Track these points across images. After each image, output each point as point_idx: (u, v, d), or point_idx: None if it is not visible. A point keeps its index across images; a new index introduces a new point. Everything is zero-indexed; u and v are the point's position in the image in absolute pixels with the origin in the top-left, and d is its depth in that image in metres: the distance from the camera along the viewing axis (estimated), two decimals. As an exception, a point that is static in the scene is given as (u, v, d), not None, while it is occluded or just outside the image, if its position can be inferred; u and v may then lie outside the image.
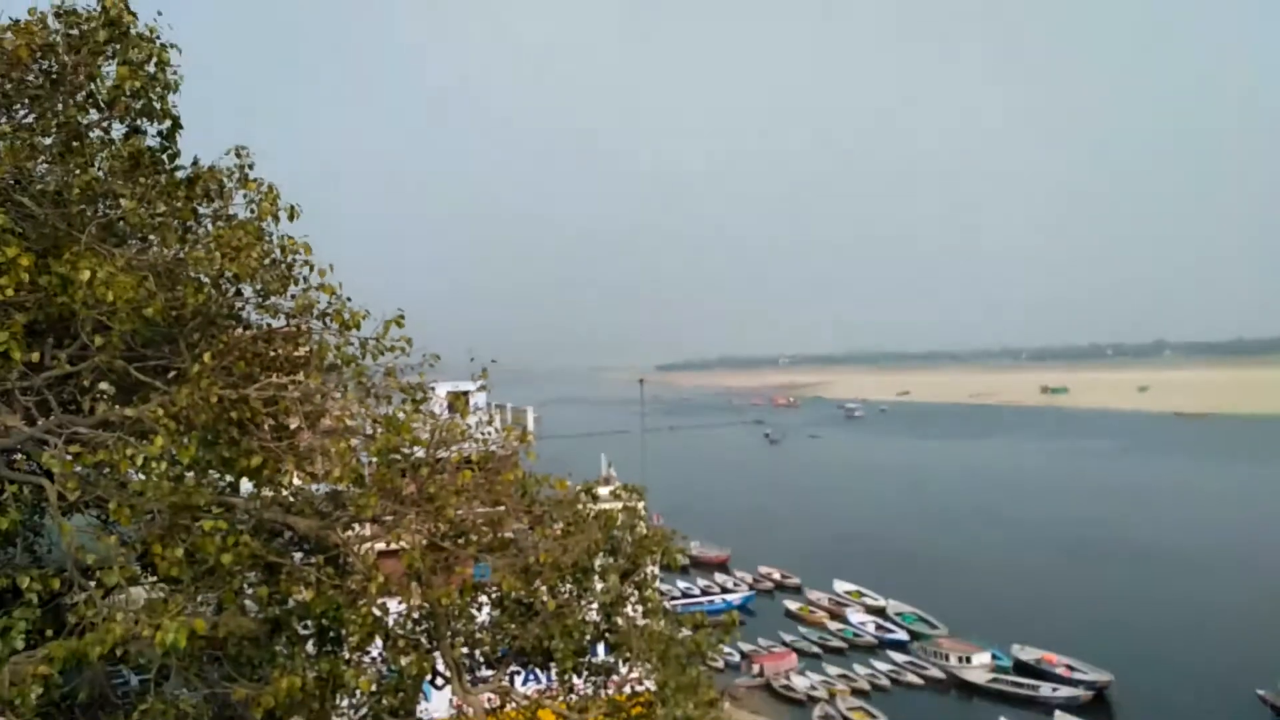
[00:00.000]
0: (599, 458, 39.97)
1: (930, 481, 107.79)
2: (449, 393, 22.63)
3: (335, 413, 9.34)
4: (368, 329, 9.42)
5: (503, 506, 9.99)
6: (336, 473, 8.67)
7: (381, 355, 9.44)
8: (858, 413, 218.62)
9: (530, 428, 29.96)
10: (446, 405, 15.67)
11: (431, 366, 9.70)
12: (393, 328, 9.36)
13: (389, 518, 9.15)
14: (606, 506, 10.96)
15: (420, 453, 9.51)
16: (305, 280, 9.65)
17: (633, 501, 11.36)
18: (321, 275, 9.51)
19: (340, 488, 9.52)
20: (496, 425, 12.02)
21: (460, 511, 9.45)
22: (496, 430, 11.15)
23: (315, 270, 9.58)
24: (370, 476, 9.30)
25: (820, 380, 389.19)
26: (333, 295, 9.40)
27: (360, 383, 9.36)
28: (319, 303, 9.46)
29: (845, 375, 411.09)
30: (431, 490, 9.24)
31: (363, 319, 9.39)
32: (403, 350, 9.41)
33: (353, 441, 8.90)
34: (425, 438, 9.50)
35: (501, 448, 10.85)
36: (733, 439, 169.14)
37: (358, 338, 9.44)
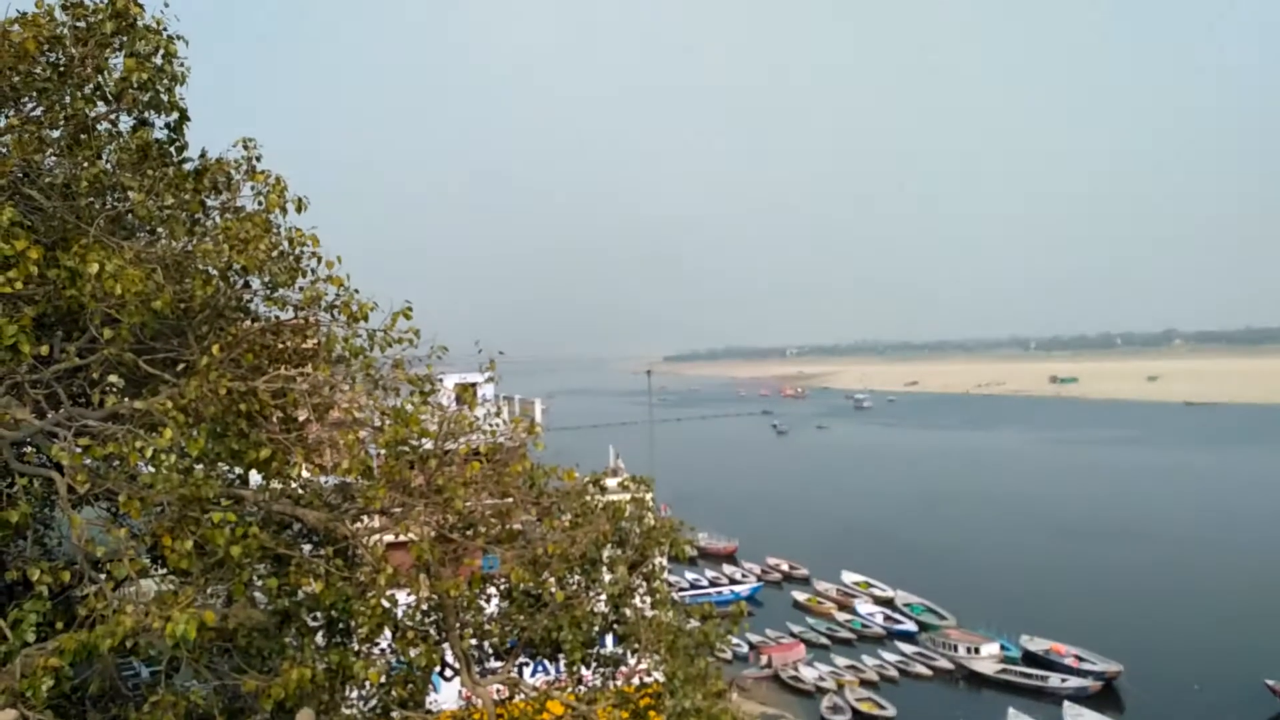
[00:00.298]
0: (607, 449, 40.06)
1: (938, 473, 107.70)
2: (456, 385, 22.65)
3: (344, 405, 9.33)
4: (375, 320, 9.42)
5: (511, 498, 9.98)
6: (345, 465, 8.66)
7: (389, 347, 9.44)
8: (866, 403, 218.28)
9: (538, 419, 29.98)
10: (454, 397, 15.68)
11: (439, 358, 9.70)
12: (400, 319, 9.35)
13: (397, 509, 9.15)
14: (614, 498, 10.96)
15: (428, 444, 9.51)
16: (313, 272, 9.66)
17: (640, 493, 11.36)
18: (329, 267, 9.51)
19: (349, 480, 9.51)
20: (504, 417, 12.02)
21: (468, 503, 9.45)
22: (504, 422, 11.14)
23: (323, 262, 9.59)
24: (379, 468, 9.31)
25: (828, 371, 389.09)
26: (340, 287, 9.40)
27: (368, 375, 9.35)
28: (327, 294, 9.46)
29: (853, 366, 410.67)
30: (440, 482, 9.23)
31: (370, 310, 9.38)
32: (410, 342, 9.41)
33: (361, 433, 8.88)
34: (433, 429, 9.50)
35: (509, 439, 10.84)
36: (740, 430, 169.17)
37: (365, 329, 9.45)
